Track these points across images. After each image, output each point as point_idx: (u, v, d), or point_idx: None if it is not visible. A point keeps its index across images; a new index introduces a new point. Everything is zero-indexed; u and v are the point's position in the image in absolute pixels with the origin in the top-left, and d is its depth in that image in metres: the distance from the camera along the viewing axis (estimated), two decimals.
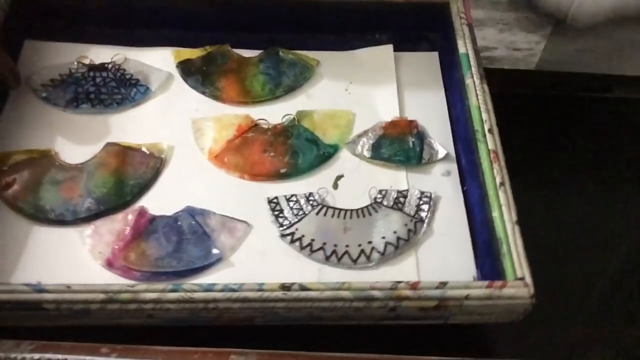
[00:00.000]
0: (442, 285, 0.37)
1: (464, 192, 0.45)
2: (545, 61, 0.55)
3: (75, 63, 0.49)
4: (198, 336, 0.37)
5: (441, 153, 0.46)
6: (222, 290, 0.35)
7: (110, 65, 0.49)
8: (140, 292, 0.35)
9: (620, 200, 0.53)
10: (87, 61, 0.49)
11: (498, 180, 0.41)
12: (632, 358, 0.44)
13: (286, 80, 0.50)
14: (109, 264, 0.39)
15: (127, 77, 0.49)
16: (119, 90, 0.48)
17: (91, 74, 0.49)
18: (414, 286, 0.37)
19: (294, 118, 0.48)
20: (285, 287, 0.36)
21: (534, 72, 0.59)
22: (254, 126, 0.47)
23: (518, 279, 0.38)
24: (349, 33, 0.54)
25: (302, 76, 0.50)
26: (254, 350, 0.32)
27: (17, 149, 0.44)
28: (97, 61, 0.50)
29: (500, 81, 0.50)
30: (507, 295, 0.37)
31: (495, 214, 0.40)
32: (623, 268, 0.48)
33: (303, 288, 0.36)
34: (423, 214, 0.43)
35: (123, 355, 0.31)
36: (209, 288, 0.35)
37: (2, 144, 0.45)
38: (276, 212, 0.43)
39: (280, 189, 0.44)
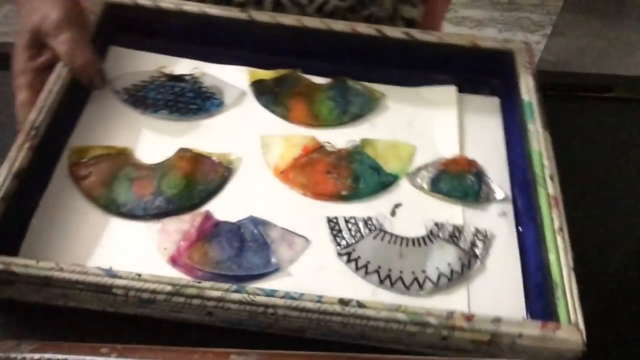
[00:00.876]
0: (497, 320, 0.37)
1: (519, 234, 0.46)
2: (545, 61, 0.56)
3: (156, 72, 0.52)
4: (198, 337, 0.38)
5: (499, 194, 0.47)
6: (283, 297, 0.36)
7: (188, 77, 0.52)
8: (206, 289, 0.36)
9: (621, 201, 0.52)
10: (166, 71, 0.52)
11: (557, 225, 0.42)
12: None
13: (352, 109, 0.52)
14: (173, 261, 0.41)
15: (204, 90, 0.51)
16: (195, 100, 0.50)
17: (170, 83, 0.51)
18: (468, 318, 0.37)
19: (357, 144, 0.49)
20: (343, 302, 0.37)
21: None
22: (320, 148, 0.49)
23: (571, 324, 0.38)
24: (413, 70, 0.56)
25: (367, 106, 0.52)
26: (254, 351, 0.33)
27: (96, 145, 0.47)
28: (177, 72, 0.52)
29: None
30: (560, 338, 0.37)
31: (552, 257, 0.41)
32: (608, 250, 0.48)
33: (360, 305, 0.37)
34: (477, 251, 0.44)
35: (123, 355, 0.31)
36: (270, 293, 0.37)
37: (81, 138, 0.47)
38: (335, 232, 0.44)
39: (339, 209, 0.46)
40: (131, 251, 0.41)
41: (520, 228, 0.46)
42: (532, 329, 0.37)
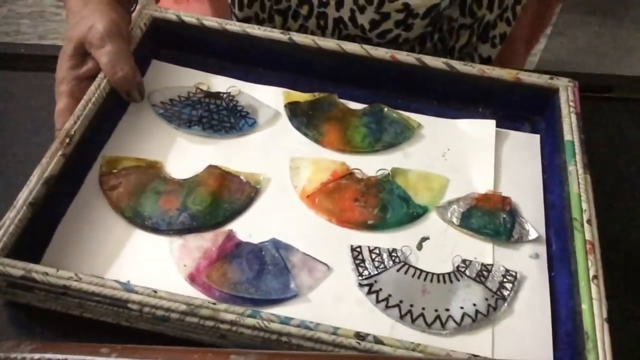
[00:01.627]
0: None
1: (551, 278, 0.44)
2: (545, 61, 0.54)
3: (194, 88, 0.53)
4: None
5: (532, 234, 0.45)
6: (297, 326, 0.35)
7: (224, 95, 0.52)
8: (220, 312, 0.35)
9: (621, 201, 0.52)
10: (204, 88, 0.53)
11: (592, 272, 0.40)
12: None
13: (386, 137, 0.51)
14: (192, 278, 0.40)
15: (239, 108, 0.52)
16: (228, 119, 0.51)
17: (206, 100, 0.52)
18: None
19: (388, 173, 0.48)
20: (360, 336, 0.35)
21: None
22: (349, 174, 0.48)
23: None
24: (452, 102, 0.55)
25: (402, 135, 0.51)
26: (254, 351, 0.32)
27: (127, 156, 0.47)
28: (214, 89, 0.53)
29: None
30: None
31: (584, 306, 0.39)
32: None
33: (377, 341, 0.35)
34: (505, 292, 0.42)
35: (123, 355, 0.30)
36: (285, 321, 0.36)
37: (114, 148, 0.48)
38: (357, 261, 0.43)
39: (364, 239, 0.45)
40: (151, 266, 0.41)
41: (552, 272, 0.44)
42: None
